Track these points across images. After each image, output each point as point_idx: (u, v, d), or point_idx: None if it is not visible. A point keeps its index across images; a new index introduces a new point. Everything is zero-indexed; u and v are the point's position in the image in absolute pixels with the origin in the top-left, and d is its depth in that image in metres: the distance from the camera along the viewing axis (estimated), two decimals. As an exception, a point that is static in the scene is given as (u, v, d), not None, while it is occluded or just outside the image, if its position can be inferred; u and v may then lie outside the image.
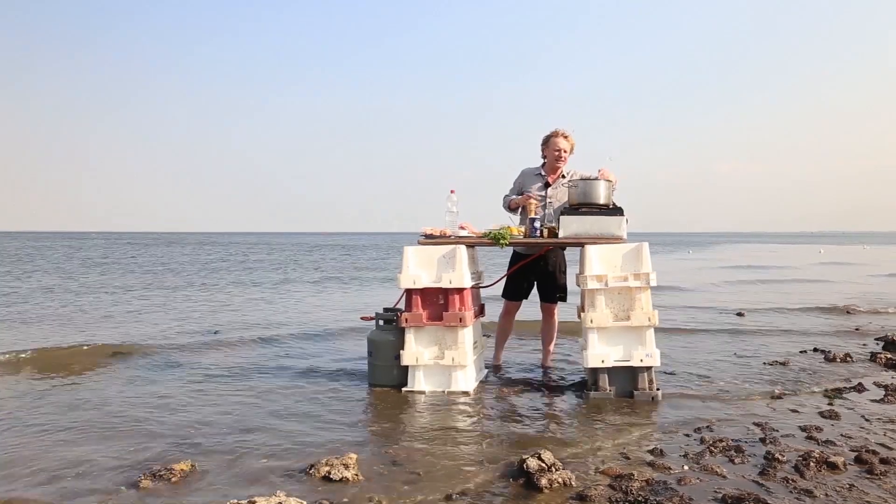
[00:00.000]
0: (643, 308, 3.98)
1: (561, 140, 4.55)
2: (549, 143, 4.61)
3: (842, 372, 4.80)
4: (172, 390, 4.35)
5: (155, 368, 5.06)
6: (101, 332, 7.05)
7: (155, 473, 2.72)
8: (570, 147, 4.61)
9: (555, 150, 4.56)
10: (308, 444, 3.22)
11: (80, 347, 5.81)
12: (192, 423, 3.56)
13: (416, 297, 4.18)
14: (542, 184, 4.66)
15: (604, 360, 4.00)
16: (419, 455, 3.05)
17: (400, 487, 2.66)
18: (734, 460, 2.94)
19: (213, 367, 5.13)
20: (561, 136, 4.56)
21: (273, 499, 2.30)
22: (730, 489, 2.58)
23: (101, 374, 4.88)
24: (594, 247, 4.08)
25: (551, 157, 4.60)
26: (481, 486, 2.68)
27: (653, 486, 2.62)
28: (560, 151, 4.55)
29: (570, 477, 2.66)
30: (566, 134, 4.58)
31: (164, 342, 6.25)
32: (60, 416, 3.69)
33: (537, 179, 4.68)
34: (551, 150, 4.59)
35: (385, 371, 4.34)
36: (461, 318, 4.10)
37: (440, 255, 4.19)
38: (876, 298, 10.20)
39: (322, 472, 2.71)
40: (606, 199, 4.22)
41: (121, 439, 3.29)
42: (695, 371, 4.84)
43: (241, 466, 2.90)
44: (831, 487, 2.61)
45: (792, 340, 6.23)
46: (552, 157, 4.59)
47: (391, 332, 4.34)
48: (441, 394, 4.13)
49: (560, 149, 4.55)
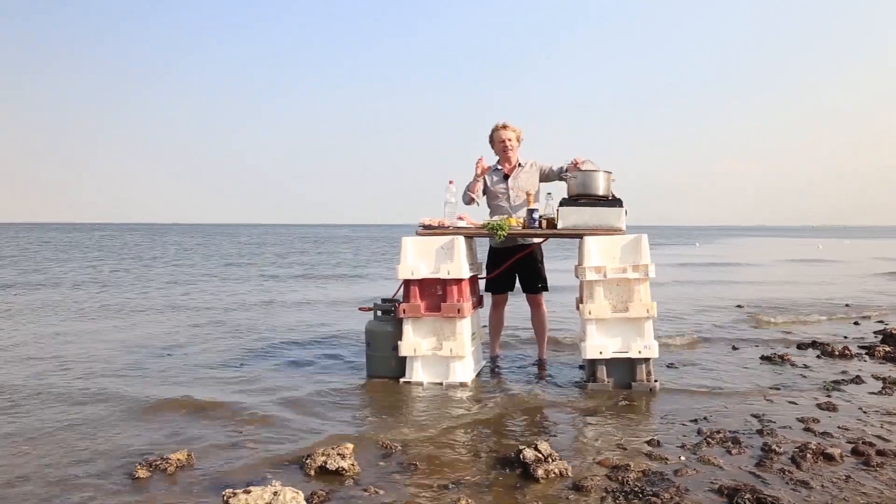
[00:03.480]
0: (642, 299, 3.97)
1: (502, 132, 4.70)
2: (493, 137, 4.77)
3: (840, 364, 4.80)
4: (165, 377, 4.34)
5: (147, 354, 5.06)
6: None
7: (151, 463, 2.72)
8: (516, 136, 4.74)
9: (499, 142, 4.72)
10: (304, 433, 3.22)
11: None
12: (186, 411, 3.56)
13: (415, 287, 4.17)
14: (501, 176, 4.77)
15: (602, 352, 3.99)
16: (416, 445, 3.05)
17: (396, 478, 2.66)
18: (731, 451, 2.93)
19: (208, 355, 5.13)
20: (501, 128, 4.71)
21: (269, 489, 2.29)
22: (727, 480, 2.58)
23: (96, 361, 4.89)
24: (593, 238, 4.06)
25: (499, 149, 4.76)
26: (478, 476, 2.68)
27: (649, 477, 2.62)
28: (504, 142, 4.69)
29: (567, 468, 2.66)
30: (506, 124, 4.72)
31: (164, 331, 6.25)
32: (56, 403, 3.70)
33: (496, 174, 4.80)
34: (497, 143, 4.75)
35: (383, 362, 4.33)
36: (459, 309, 4.09)
37: (438, 245, 4.18)
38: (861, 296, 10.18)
39: (318, 462, 2.71)
40: (605, 190, 4.20)
41: (117, 427, 3.29)
42: (693, 363, 4.83)
43: (236, 456, 2.90)
44: (828, 479, 2.61)
45: (790, 333, 6.23)
46: (500, 149, 4.75)
47: (389, 323, 4.33)
48: (439, 385, 4.12)
49: (504, 139, 4.69)
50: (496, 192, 4.74)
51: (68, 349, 5.43)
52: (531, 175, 4.72)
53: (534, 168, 4.74)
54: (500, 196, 4.72)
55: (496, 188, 4.74)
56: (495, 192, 4.74)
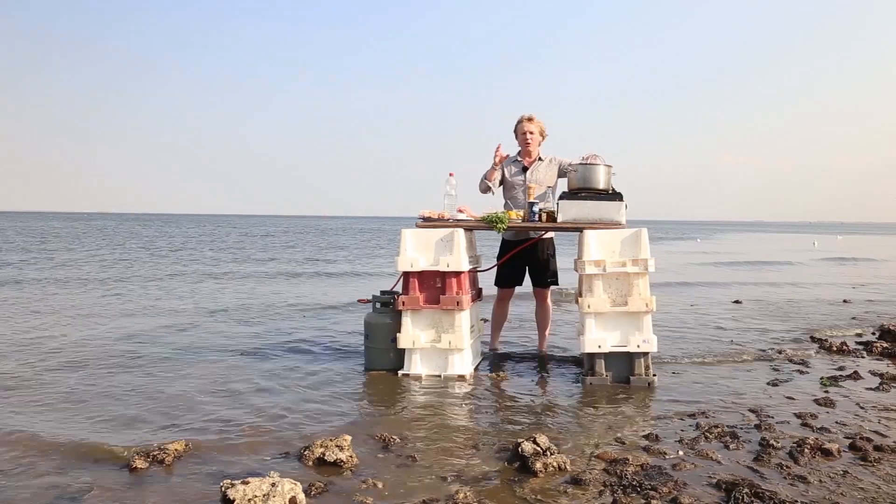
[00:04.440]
0: (641, 294, 3.97)
1: (526, 123, 4.70)
2: (517, 128, 4.77)
3: (837, 360, 4.81)
4: (163, 368, 4.34)
5: (146, 345, 5.05)
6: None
7: (149, 453, 2.71)
8: (539, 130, 4.73)
9: (521, 134, 4.73)
10: (303, 425, 3.21)
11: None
12: (185, 403, 3.55)
13: (414, 279, 4.16)
14: (519, 168, 4.77)
15: (600, 346, 3.99)
16: (414, 438, 3.05)
17: (394, 470, 2.65)
18: (729, 446, 2.94)
19: (206, 346, 5.12)
20: (526, 119, 4.71)
21: (267, 480, 2.29)
22: (724, 474, 2.58)
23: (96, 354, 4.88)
24: (593, 232, 4.06)
25: (521, 141, 4.76)
26: (476, 469, 2.68)
27: (647, 471, 2.62)
28: (526, 134, 4.69)
29: (565, 461, 2.66)
30: (531, 117, 4.72)
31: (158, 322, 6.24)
32: (55, 391, 3.69)
33: (515, 165, 4.79)
34: (519, 134, 4.75)
35: (381, 354, 4.33)
36: (458, 302, 4.08)
37: (438, 238, 4.16)
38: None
39: (316, 454, 2.71)
40: (606, 183, 4.19)
41: (114, 417, 3.29)
42: (691, 358, 4.84)
43: (234, 447, 2.90)
44: (825, 474, 2.61)
45: (788, 329, 6.24)
46: (521, 141, 4.75)
47: (388, 315, 4.32)
48: (437, 377, 4.12)
49: (526, 131, 4.69)
50: (514, 182, 4.74)
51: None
52: (550, 170, 4.72)
53: (553, 163, 4.73)
54: (518, 188, 4.72)
55: (514, 179, 4.74)
56: (513, 182, 4.74)
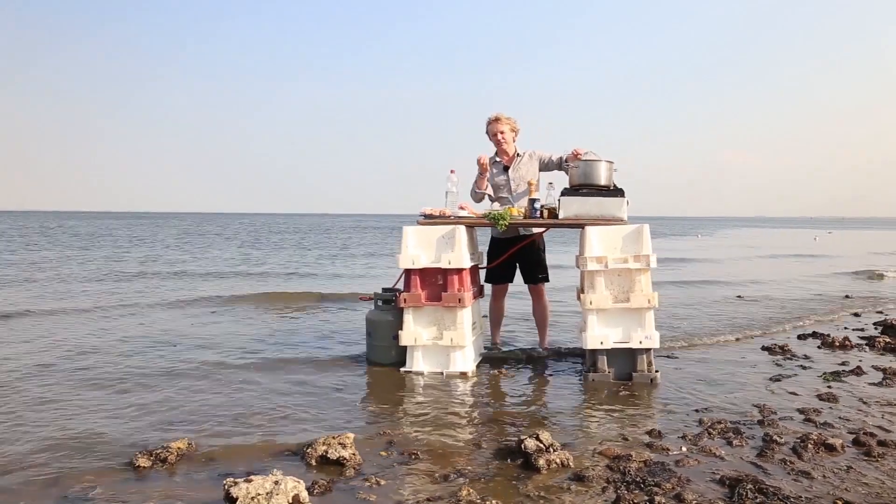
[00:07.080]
0: (643, 290, 3.96)
1: (495, 124, 4.70)
2: (487, 131, 4.77)
3: (840, 355, 4.80)
4: (164, 364, 4.34)
5: (142, 341, 5.06)
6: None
7: (152, 452, 2.71)
8: (510, 127, 4.73)
9: (493, 136, 4.73)
10: (305, 423, 3.21)
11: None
12: (187, 400, 3.55)
13: (415, 277, 4.15)
14: (500, 168, 4.77)
15: (603, 342, 3.98)
16: (417, 435, 3.04)
17: (397, 468, 2.65)
18: (732, 442, 2.93)
19: (207, 342, 5.12)
20: (494, 121, 4.71)
21: (270, 478, 2.28)
22: (728, 470, 2.58)
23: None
24: (594, 228, 4.05)
25: (495, 142, 4.76)
26: (479, 466, 2.67)
27: (651, 467, 2.62)
28: (497, 135, 4.69)
29: (568, 458, 2.66)
30: (498, 117, 4.71)
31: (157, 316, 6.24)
32: (59, 388, 3.69)
33: (495, 166, 4.79)
34: (491, 136, 4.75)
35: (383, 351, 4.33)
36: (460, 299, 4.08)
37: (439, 235, 4.16)
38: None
39: (319, 452, 2.70)
40: (607, 179, 4.18)
41: (117, 415, 3.29)
42: (693, 354, 4.83)
43: (237, 445, 2.90)
44: (829, 469, 2.61)
45: (791, 324, 6.23)
46: (495, 142, 4.75)
47: (390, 313, 4.32)
48: (439, 374, 4.12)
49: (496, 132, 4.69)
50: (498, 183, 4.74)
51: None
52: (531, 164, 4.71)
53: (533, 157, 4.73)
54: (502, 188, 4.72)
55: (497, 180, 4.74)
56: (497, 184, 4.74)
